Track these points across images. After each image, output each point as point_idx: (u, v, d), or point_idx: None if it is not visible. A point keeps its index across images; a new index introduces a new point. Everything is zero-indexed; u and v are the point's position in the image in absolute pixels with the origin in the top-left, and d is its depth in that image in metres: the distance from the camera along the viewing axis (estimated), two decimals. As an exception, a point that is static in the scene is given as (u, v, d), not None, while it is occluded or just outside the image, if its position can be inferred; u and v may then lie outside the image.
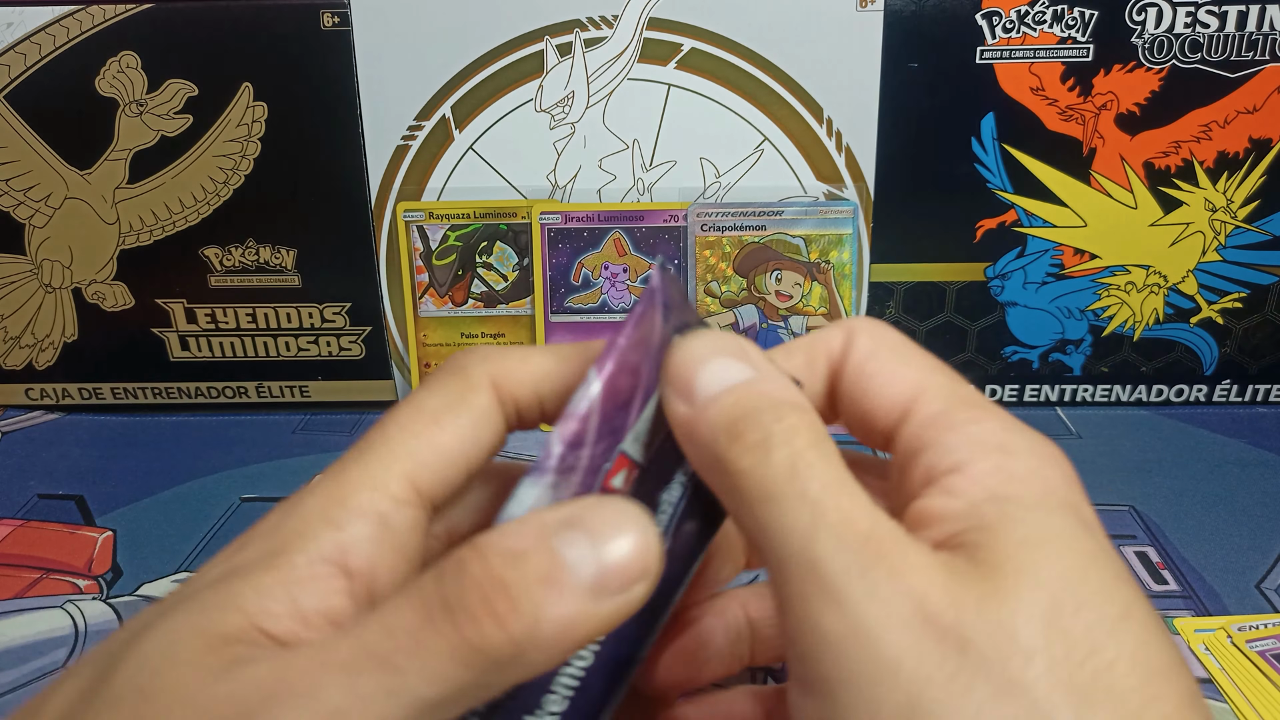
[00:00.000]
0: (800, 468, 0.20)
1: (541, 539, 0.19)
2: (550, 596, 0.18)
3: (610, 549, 0.19)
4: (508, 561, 0.19)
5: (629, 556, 0.19)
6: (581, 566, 0.19)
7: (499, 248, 0.48)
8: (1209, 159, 0.46)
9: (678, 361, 0.22)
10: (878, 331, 0.24)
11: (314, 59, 0.45)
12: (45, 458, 0.47)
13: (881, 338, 0.23)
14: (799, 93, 0.46)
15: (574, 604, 0.19)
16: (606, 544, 0.19)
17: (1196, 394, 0.50)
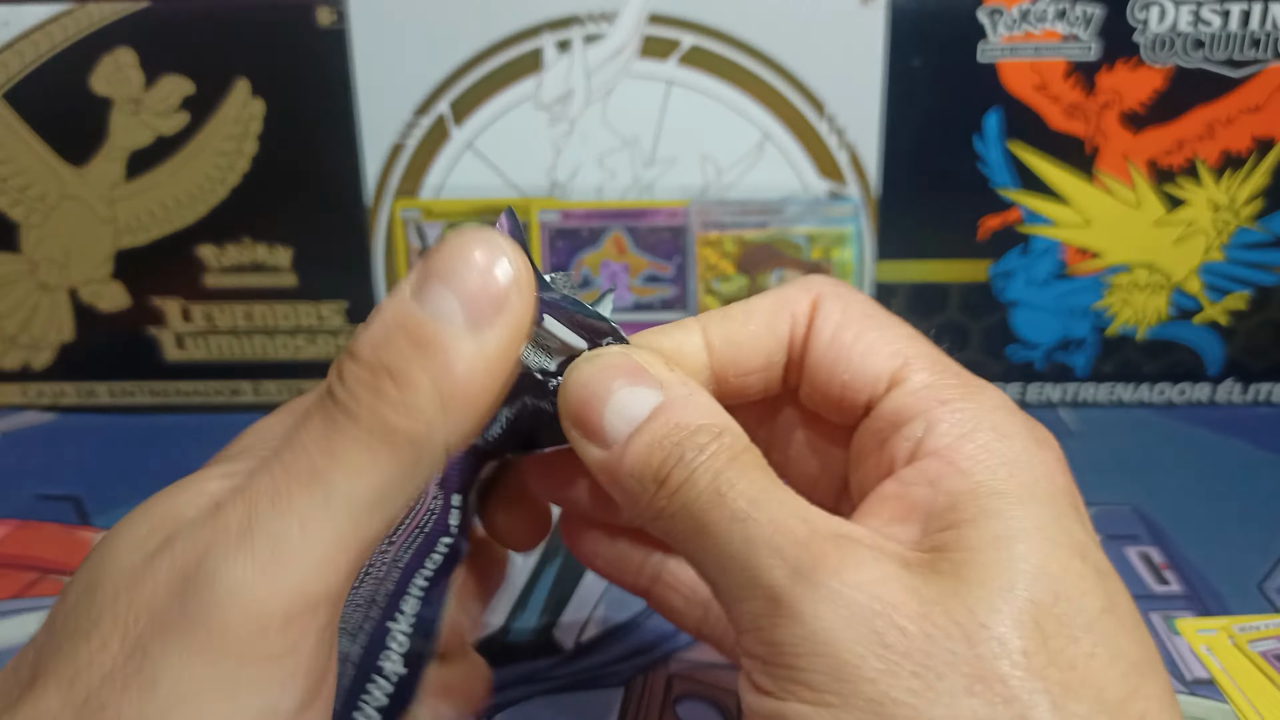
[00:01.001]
0: (725, 488, 0.19)
1: (400, 310, 0.18)
2: (431, 357, 0.18)
3: (465, 279, 0.18)
4: (378, 348, 0.18)
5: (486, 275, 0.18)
6: (448, 312, 0.18)
7: (498, 246, 0.48)
8: (1212, 158, 0.45)
9: (577, 400, 0.21)
10: (845, 295, 0.23)
11: (310, 56, 0.45)
12: (42, 458, 0.47)
13: (850, 303, 0.23)
14: (801, 90, 0.46)
15: (460, 350, 0.18)
16: (459, 277, 0.18)
17: (1200, 394, 0.49)
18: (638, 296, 0.48)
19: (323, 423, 0.18)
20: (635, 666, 0.33)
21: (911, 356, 0.21)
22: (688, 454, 0.19)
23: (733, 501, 0.19)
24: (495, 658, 0.33)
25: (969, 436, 0.20)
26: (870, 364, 0.22)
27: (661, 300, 0.48)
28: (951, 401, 0.20)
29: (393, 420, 0.18)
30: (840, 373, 0.22)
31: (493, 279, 0.18)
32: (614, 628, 0.34)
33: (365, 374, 0.18)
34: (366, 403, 0.18)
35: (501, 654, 0.33)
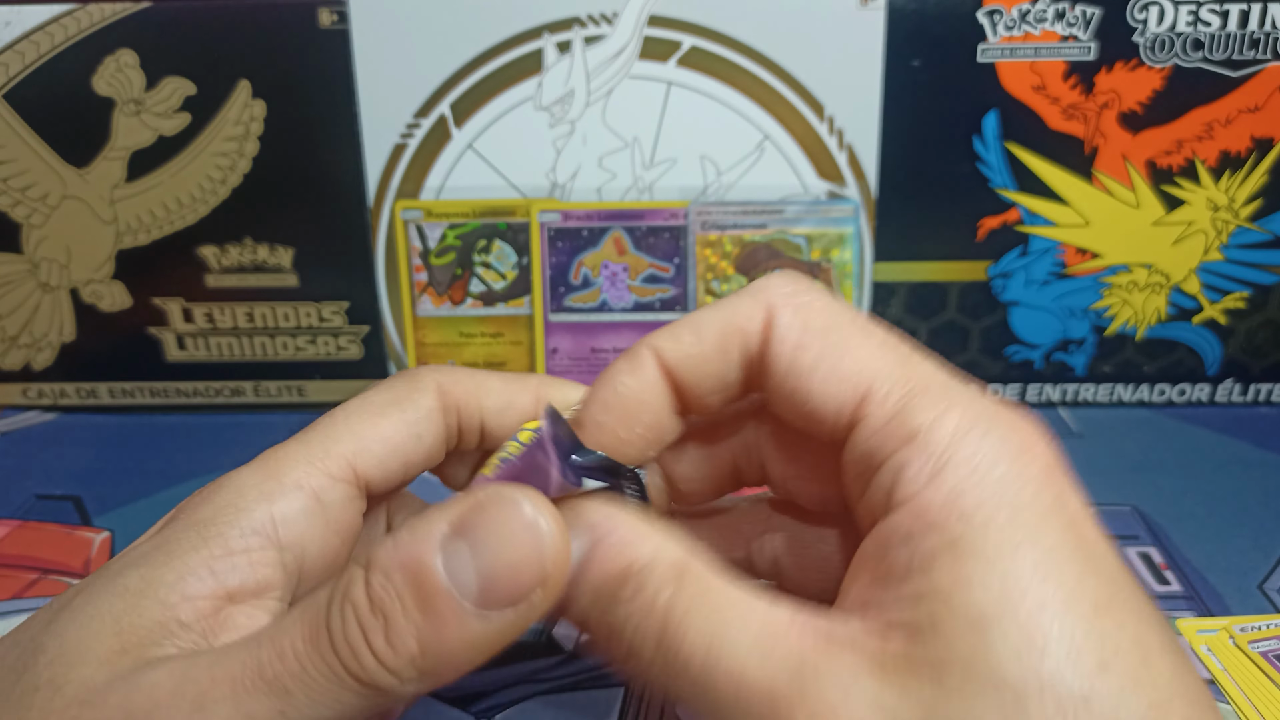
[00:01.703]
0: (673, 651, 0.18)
1: (423, 553, 0.18)
2: (428, 621, 0.17)
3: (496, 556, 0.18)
4: (387, 584, 0.18)
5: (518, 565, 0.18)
6: (464, 580, 0.17)
7: (498, 246, 0.48)
8: (1211, 158, 0.45)
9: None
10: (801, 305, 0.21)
11: (312, 57, 0.45)
12: (42, 458, 0.47)
13: (807, 316, 0.21)
14: (800, 91, 0.46)
15: (457, 626, 0.17)
16: (490, 551, 0.18)
17: (1199, 394, 0.49)
18: (638, 297, 0.48)
19: (309, 636, 0.18)
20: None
21: (874, 382, 0.20)
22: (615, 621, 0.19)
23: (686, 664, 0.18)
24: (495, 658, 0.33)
25: (939, 479, 0.18)
26: (831, 394, 0.20)
27: (661, 300, 0.48)
28: (918, 435, 0.19)
29: (370, 670, 0.18)
30: (800, 404, 0.20)
31: (523, 569, 0.18)
32: (614, 627, 0.34)
33: (363, 610, 0.18)
34: (352, 643, 0.18)
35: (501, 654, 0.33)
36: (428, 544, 0.18)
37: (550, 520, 0.18)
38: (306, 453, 0.22)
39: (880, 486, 0.19)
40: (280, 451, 0.22)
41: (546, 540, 0.18)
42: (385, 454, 0.23)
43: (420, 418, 0.23)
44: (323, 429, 0.23)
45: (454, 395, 0.24)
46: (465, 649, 0.18)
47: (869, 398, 0.20)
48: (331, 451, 0.22)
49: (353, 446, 0.22)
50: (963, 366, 0.49)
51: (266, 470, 0.22)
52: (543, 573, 0.18)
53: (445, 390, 0.24)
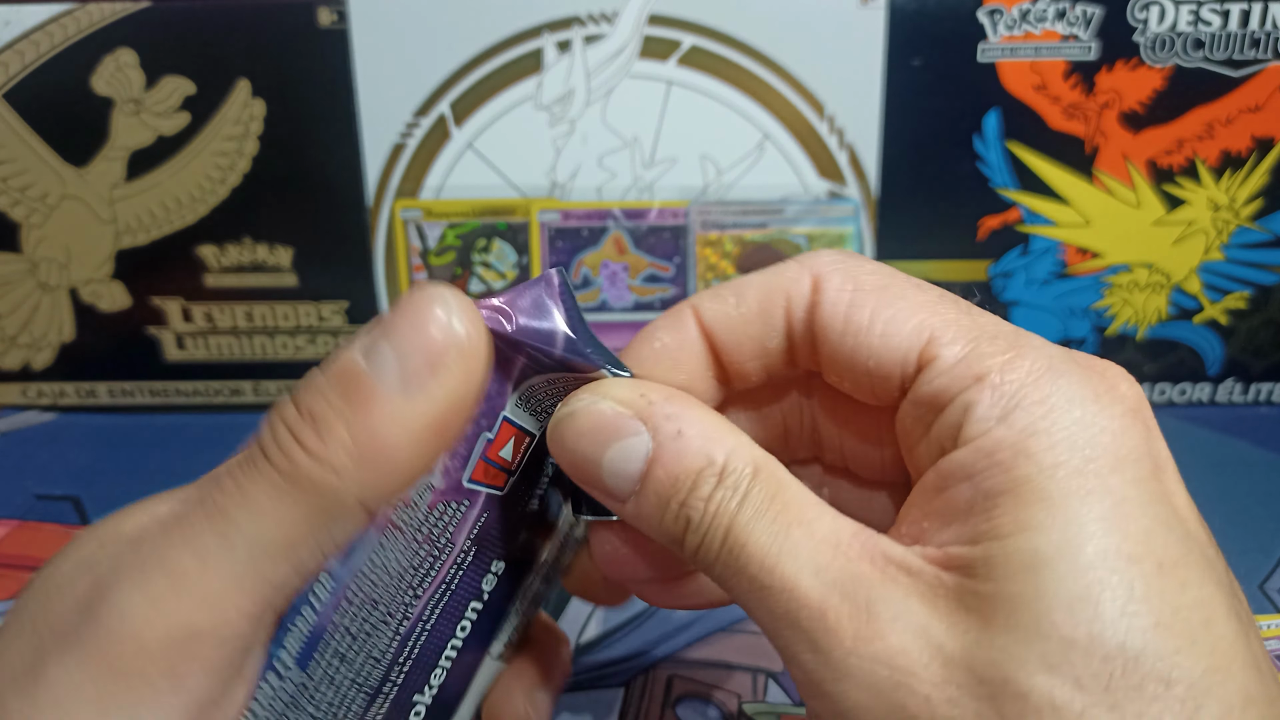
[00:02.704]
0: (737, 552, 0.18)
1: (343, 359, 0.18)
2: (355, 409, 0.18)
3: (406, 336, 0.18)
4: (314, 393, 0.18)
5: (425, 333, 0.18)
6: (384, 367, 0.18)
7: (497, 246, 0.48)
8: (1212, 157, 0.45)
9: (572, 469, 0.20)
10: (850, 268, 0.20)
11: (311, 56, 0.45)
12: (42, 458, 0.47)
13: (858, 276, 0.20)
14: (801, 90, 0.46)
15: (385, 408, 0.18)
16: (400, 333, 0.18)
17: (1200, 394, 0.49)
18: (638, 296, 0.48)
19: (242, 461, 0.18)
20: (635, 666, 0.32)
21: (938, 328, 0.19)
22: (693, 515, 0.19)
23: (745, 569, 0.18)
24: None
25: (1009, 419, 0.17)
26: (893, 345, 0.19)
27: (661, 300, 0.48)
28: (988, 375, 0.18)
29: (303, 466, 0.18)
30: (863, 359, 0.19)
31: (431, 338, 0.18)
32: (614, 628, 0.34)
33: (291, 417, 0.18)
34: (283, 446, 0.18)
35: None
36: (350, 349, 0.18)
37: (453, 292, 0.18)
38: None
39: (945, 425, 0.18)
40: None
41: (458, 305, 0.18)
42: None
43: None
44: None
45: None
46: (396, 428, 0.18)
47: (934, 342, 0.19)
48: None
49: None
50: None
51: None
52: (460, 336, 0.18)
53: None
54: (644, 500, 0.19)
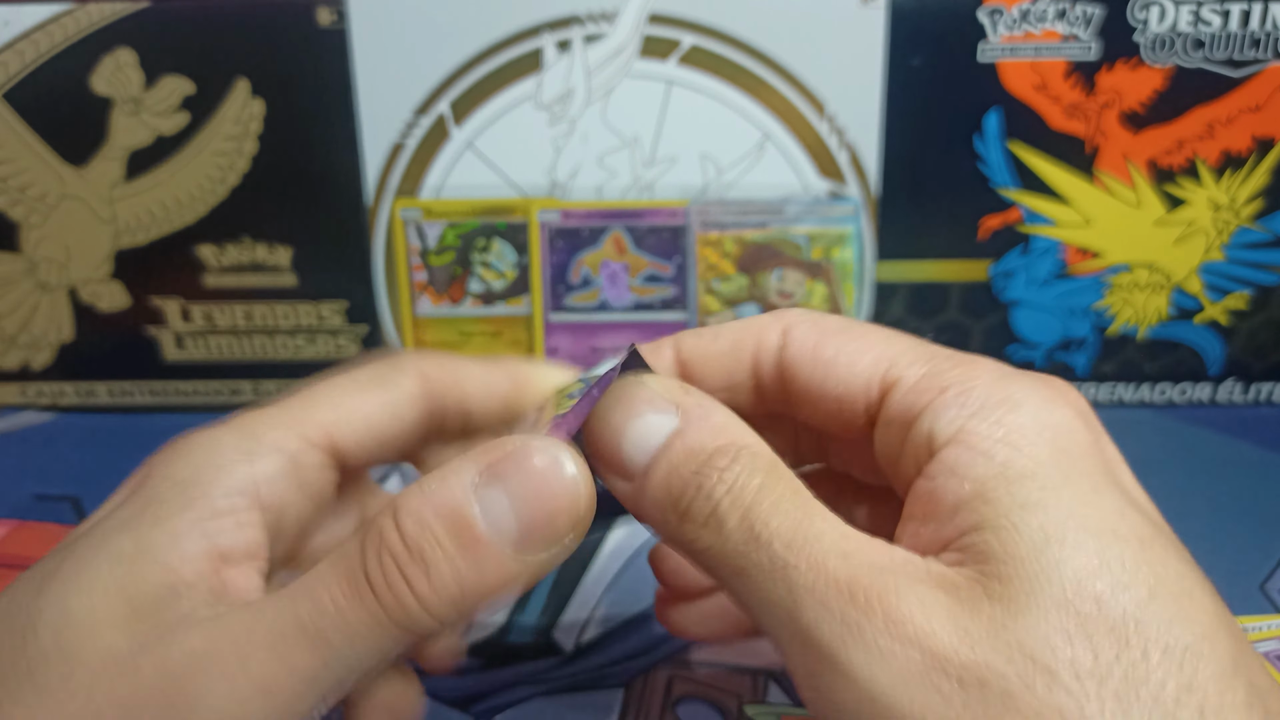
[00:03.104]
0: (759, 527, 0.18)
1: (457, 502, 0.18)
2: (469, 563, 0.18)
3: (534, 505, 0.18)
4: (424, 530, 0.18)
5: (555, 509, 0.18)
6: (503, 526, 0.18)
7: (497, 245, 0.48)
8: (1213, 157, 0.45)
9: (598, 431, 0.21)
10: (815, 318, 0.22)
11: (310, 56, 0.45)
12: (41, 458, 0.47)
13: (822, 323, 0.22)
14: (801, 89, 0.46)
15: (496, 567, 0.18)
16: (528, 500, 0.18)
17: (1201, 394, 0.49)
18: (638, 296, 0.48)
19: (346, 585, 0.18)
20: (635, 667, 0.32)
21: (895, 355, 0.21)
22: (705, 483, 0.19)
23: (769, 544, 0.18)
24: (495, 658, 0.33)
25: (979, 415, 0.19)
26: (858, 372, 0.21)
27: (661, 300, 0.48)
28: (950, 387, 0.20)
29: (411, 611, 0.18)
30: (831, 389, 0.22)
31: (560, 517, 0.18)
32: (614, 628, 0.34)
33: (399, 551, 0.18)
34: (391, 584, 0.18)
35: (501, 654, 0.33)
36: (461, 491, 0.18)
37: (585, 471, 0.19)
38: (285, 417, 0.22)
39: (919, 435, 0.20)
40: (258, 414, 0.22)
41: (583, 490, 0.19)
42: (363, 429, 0.23)
43: (401, 399, 0.23)
44: (303, 397, 0.23)
45: (435, 381, 0.24)
46: (503, 588, 0.18)
47: (895, 366, 0.21)
48: (311, 418, 0.22)
49: (331, 416, 0.22)
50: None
51: (244, 430, 0.22)
52: (577, 519, 0.19)
53: (427, 376, 0.24)
54: (654, 471, 0.20)
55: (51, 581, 0.19)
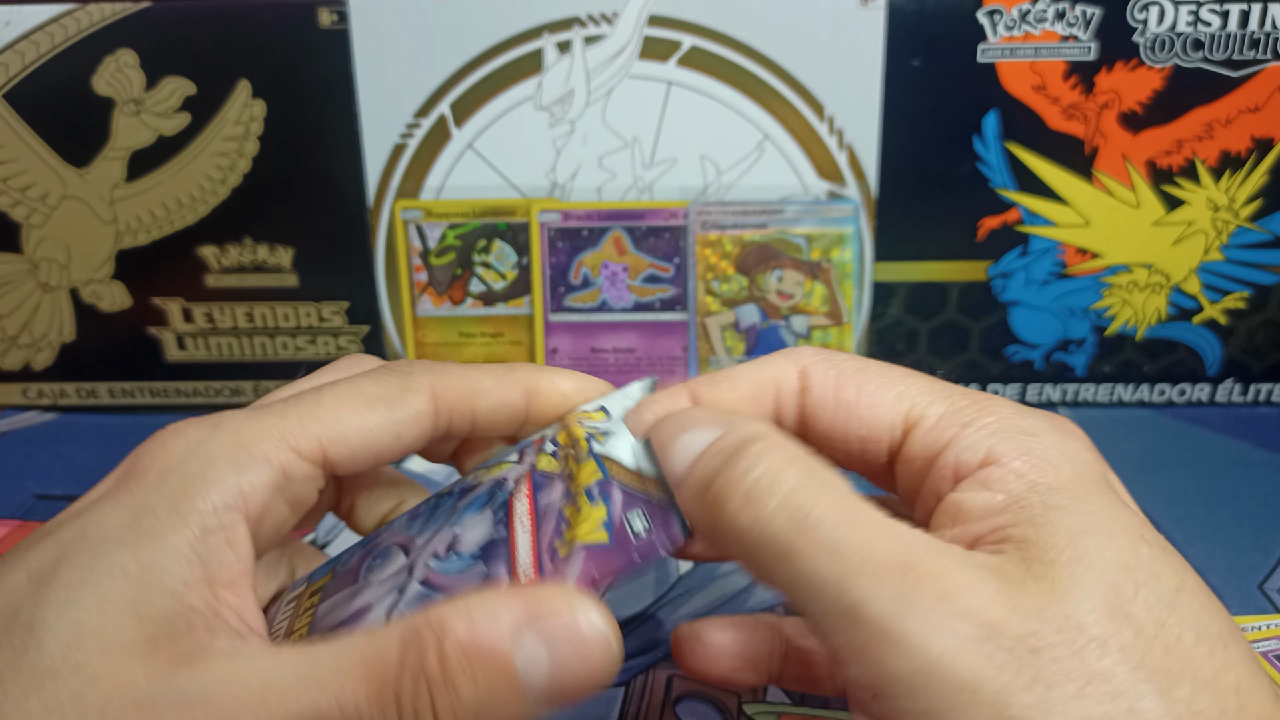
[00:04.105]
0: (803, 513, 0.19)
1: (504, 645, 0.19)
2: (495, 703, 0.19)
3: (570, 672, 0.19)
4: (464, 663, 0.19)
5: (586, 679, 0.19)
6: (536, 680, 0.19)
7: (497, 246, 0.48)
8: (1211, 158, 0.45)
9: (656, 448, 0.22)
10: (831, 358, 0.23)
11: (312, 57, 0.45)
12: (42, 458, 0.47)
13: (839, 364, 0.23)
14: (800, 90, 0.46)
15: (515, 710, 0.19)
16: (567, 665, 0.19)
17: (1199, 394, 0.49)
18: (638, 297, 0.48)
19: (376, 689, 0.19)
20: (635, 666, 0.33)
21: (915, 395, 0.22)
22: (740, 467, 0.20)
23: (818, 526, 0.19)
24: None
25: (1003, 440, 0.21)
26: (880, 415, 0.22)
27: (661, 300, 0.48)
28: (972, 422, 0.21)
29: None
30: (855, 430, 0.23)
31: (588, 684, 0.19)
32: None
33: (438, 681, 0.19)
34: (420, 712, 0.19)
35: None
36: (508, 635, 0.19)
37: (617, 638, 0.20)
38: (280, 427, 0.22)
39: (944, 467, 0.21)
40: (253, 418, 0.22)
41: (614, 658, 0.20)
42: (360, 446, 0.23)
43: (407, 419, 0.23)
44: (304, 405, 0.23)
45: (446, 400, 0.24)
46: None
47: (915, 408, 0.22)
48: (307, 430, 0.22)
49: (330, 430, 0.22)
50: (963, 366, 0.49)
51: (235, 438, 0.22)
52: (599, 686, 0.20)
53: (439, 395, 0.24)
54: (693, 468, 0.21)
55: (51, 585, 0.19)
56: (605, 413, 0.25)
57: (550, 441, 0.25)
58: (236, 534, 0.21)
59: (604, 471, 0.23)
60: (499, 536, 0.23)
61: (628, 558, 0.21)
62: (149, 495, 0.20)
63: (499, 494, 0.24)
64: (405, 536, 0.24)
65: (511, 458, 0.25)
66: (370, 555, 0.24)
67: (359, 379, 0.24)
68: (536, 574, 0.21)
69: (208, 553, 0.20)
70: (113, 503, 0.21)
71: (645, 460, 0.23)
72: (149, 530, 0.20)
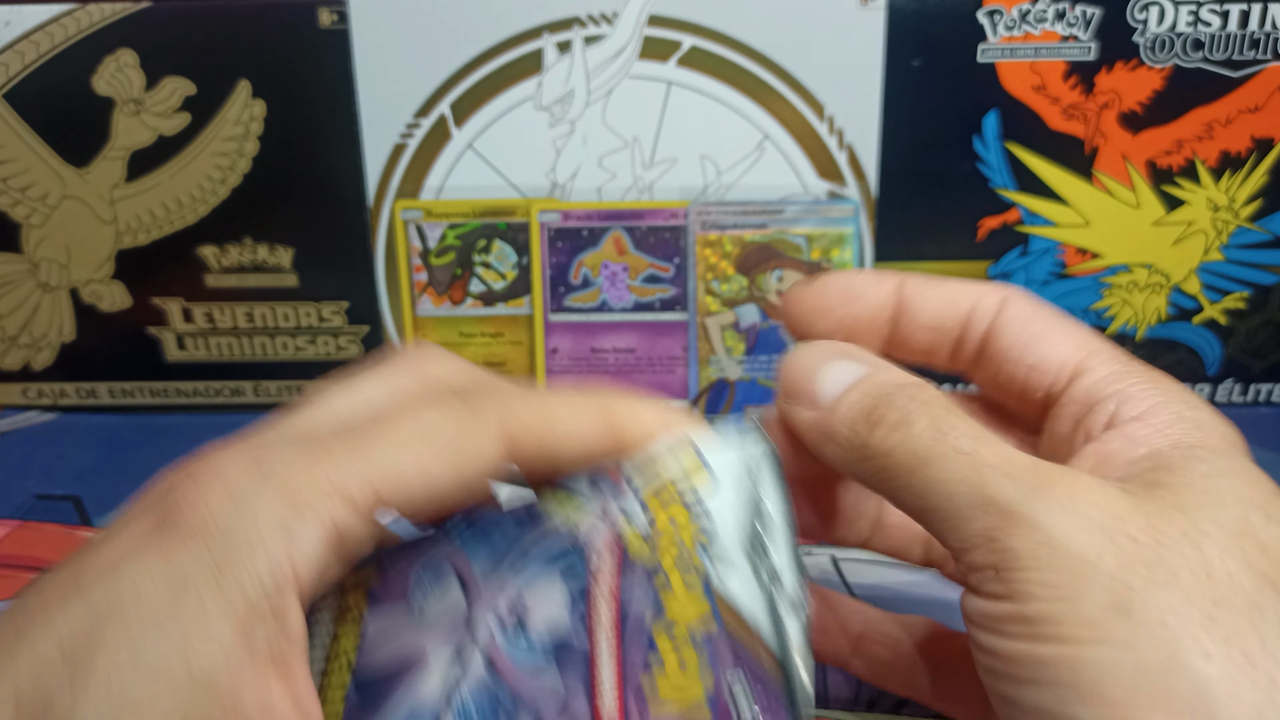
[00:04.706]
0: (945, 429, 0.21)
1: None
2: None
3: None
4: None
5: None
6: None
7: (497, 246, 0.48)
8: (1211, 158, 0.45)
9: (793, 373, 0.24)
10: (1033, 297, 0.25)
11: (312, 57, 0.45)
12: (42, 458, 0.47)
13: (1039, 302, 0.25)
14: (800, 90, 0.46)
15: None
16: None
17: (1199, 394, 0.49)
18: (638, 297, 0.48)
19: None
20: (635, 666, 0.32)
21: (1096, 349, 0.23)
22: (899, 398, 0.22)
23: (955, 440, 0.20)
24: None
25: (1161, 407, 0.21)
26: (1059, 351, 0.23)
27: (661, 300, 0.48)
28: (1139, 383, 0.22)
29: None
30: (1028, 356, 0.24)
31: None
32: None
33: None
34: None
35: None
36: None
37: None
38: (335, 476, 0.19)
39: (1101, 413, 0.22)
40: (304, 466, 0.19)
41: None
42: (421, 495, 0.20)
43: (477, 463, 0.21)
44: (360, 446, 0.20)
45: (521, 440, 0.21)
46: None
47: (1090, 358, 0.23)
48: (362, 476, 0.19)
49: (388, 477, 0.20)
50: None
51: (282, 491, 0.19)
52: None
53: (512, 436, 0.21)
54: (848, 395, 0.22)
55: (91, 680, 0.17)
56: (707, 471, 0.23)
57: (637, 500, 0.22)
58: (288, 612, 0.18)
59: (718, 620, 0.20)
60: (578, 645, 0.20)
61: None
62: (189, 565, 0.18)
63: (576, 564, 0.21)
64: (459, 554, 0.22)
65: (585, 492, 0.22)
66: (420, 565, 0.22)
67: (424, 411, 0.21)
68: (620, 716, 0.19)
69: (257, 640, 0.18)
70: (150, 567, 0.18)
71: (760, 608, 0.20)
72: (194, 618, 0.18)
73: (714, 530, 0.22)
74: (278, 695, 0.18)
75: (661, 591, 0.20)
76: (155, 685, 0.17)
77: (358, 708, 0.20)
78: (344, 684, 0.21)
